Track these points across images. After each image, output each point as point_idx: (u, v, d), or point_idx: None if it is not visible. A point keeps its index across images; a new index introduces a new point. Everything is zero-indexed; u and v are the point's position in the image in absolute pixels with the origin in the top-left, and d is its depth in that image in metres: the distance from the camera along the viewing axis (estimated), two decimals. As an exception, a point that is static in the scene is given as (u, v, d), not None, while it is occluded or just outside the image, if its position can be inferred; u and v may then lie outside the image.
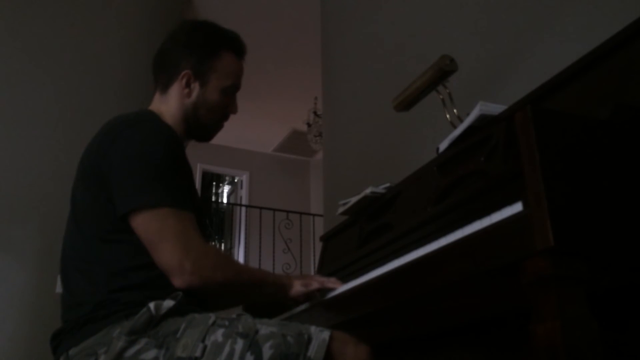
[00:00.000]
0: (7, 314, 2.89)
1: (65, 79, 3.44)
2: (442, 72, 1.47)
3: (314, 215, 6.77)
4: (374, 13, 2.86)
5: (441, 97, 1.53)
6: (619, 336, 0.96)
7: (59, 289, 3.04)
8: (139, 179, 1.07)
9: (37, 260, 3.04)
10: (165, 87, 1.28)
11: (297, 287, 1.24)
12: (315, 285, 1.25)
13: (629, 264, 0.77)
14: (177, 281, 1.03)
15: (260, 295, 1.24)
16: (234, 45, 1.31)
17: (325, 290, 1.26)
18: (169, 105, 1.27)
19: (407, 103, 1.61)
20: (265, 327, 0.97)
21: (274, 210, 6.34)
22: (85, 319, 1.02)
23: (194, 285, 1.04)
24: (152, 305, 0.98)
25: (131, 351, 0.94)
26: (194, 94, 1.27)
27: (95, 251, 1.08)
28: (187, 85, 1.26)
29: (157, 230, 1.04)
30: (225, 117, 1.33)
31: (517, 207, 0.77)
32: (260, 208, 6.49)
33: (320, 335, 0.96)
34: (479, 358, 1.31)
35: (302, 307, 1.33)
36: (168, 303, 1.00)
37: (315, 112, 6.00)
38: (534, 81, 1.25)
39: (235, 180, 7.71)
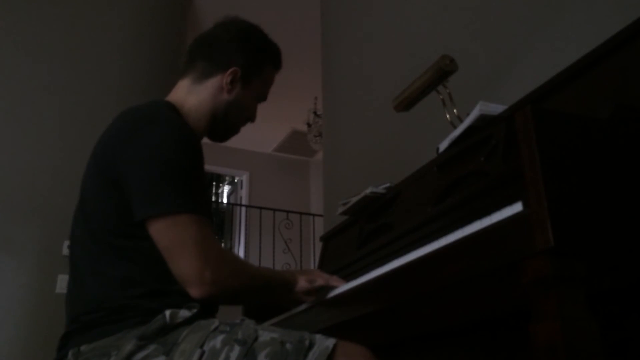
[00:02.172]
0: (7, 314, 2.89)
1: (66, 78, 3.45)
2: (442, 72, 1.47)
3: (314, 215, 6.77)
4: (374, 13, 2.86)
5: (441, 97, 1.53)
6: (619, 336, 0.96)
7: (59, 289, 3.04)
8: (158, 183, 1.02)
9: (37, 260, 3.04)
10: (203, 77, 1.22)
11: (302, 283, 1.22)
12: (319, 282, 1.24)
13: (629, 264, 0.77)
14: (195, 291, 0.99)
15: (270, 296, 1.22)
16: (278, 58, 1.31)
17: (325, 290, 1.26)
18: (199, 96, 1.22)
19: (407, 103, 1.61)
20: (266, 334, 0.94)
21: (274, 210, 6.34)
22: (100, 321, 1.00)
23: (213, 294, 1.00)
24: (167, 313, 0.96)
25: (139, 356, 0.93)
26: (234, 93, 1.23)
27: (107, 254, 1.05)
28: (232, 82, 1.22)
29: (176, 238, 1.00)
30: (245, 122, 1.32)
31: (517, 207, 0.77)
32: (260, 208, 6.48)
33: (323, 343, 0.92)
34: (478, 358, 1.31)
35: (302, 306, 1.33)
36: (184, 313, 0.98)
37: (315, 112, 6.00)
38: (534, 81, 1.25)
39: (235, 180, 7.71)
